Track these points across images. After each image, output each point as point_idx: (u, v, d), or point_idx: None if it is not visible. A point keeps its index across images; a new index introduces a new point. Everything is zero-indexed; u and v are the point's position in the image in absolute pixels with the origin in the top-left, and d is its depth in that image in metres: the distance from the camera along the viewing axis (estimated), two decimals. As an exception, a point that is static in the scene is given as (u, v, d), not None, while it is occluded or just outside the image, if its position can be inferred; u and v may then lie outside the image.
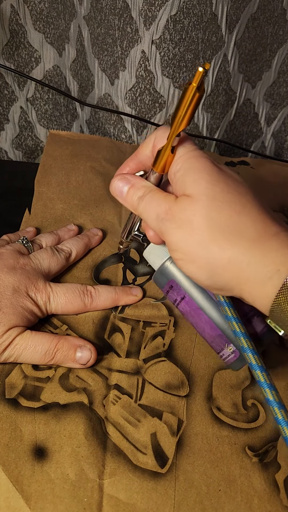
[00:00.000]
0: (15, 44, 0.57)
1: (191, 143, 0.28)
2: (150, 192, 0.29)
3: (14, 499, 0.28)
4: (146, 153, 0.30)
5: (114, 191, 0.31)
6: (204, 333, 0.32)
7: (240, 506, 0.30)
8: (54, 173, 0.53)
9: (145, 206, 0.28)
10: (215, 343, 0.32)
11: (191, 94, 0.25)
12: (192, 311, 0.32)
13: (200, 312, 0.32)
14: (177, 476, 0.30)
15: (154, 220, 0.28)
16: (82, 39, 0.55)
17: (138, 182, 0.30)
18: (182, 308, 0.33)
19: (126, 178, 0.30)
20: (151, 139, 0.29)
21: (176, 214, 0.26)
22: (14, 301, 0.34)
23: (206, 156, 0.27)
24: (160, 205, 0.27)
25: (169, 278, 0.33)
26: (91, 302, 0.38)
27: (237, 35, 0.53)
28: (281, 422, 0.25)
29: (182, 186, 0.26)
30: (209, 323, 0.31)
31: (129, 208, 0.30)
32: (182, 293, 0.32)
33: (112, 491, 0.29)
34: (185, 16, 0.50)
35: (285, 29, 0.55)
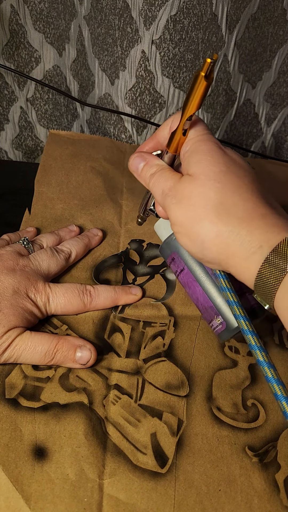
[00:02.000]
0: (15, 44, 0.57)
1: (203, 127, 0.30)
2: (161, 170, 0.31)
3: (14, 499, 0.28)
4: (163, 134, 0.32)
5: (131, 166, 0.34)
6: (198, 303, 0.35)
7: (240, 506, 0.30)
8: (54, 173, 0.53)
9: (154, 183, 0.31)
10: (206, 314, 0.35)
11: (199, 82, 0.27)
12: (189, 282, 0.35)
13: (195, 284, 0.35)
14: (177, 476, 0.30)
15: (160, 196, 0.30)
16: (82, 39, 0.55)
17: (152, 160, 0.32)
18: (181, 279, 0.36)
19: (142, 155, 0.33)
20: (169, 121, 0.32)
21: (177, 191, 0.29)
22: (14, 302, 0.34)
23: (213, 140, 0.29)
24: (166, 182, 0.30)
25: (172, 251, 0.36)
26: (90, 302, 0.38)
27: (237, 35, 0.53)
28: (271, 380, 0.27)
29: (187, 165, 0.29)
30: (202, 295, 0.35)
31: (142, 184, 0.33)
32: (182, 265, 0.35)
33: (112, 491, 0.29)
34: (185, 16, 0.50)
35: (285, 29, 0.55)
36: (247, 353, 0.38)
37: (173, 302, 0.41)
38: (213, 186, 0.27)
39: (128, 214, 0.50)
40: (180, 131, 0.29)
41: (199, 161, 0.28)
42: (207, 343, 0.38)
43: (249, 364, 0.37)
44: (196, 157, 0.28)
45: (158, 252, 0.46)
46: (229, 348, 0.38)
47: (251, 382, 0.36)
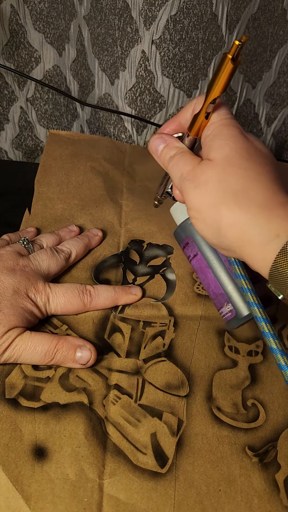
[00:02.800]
0: (15, 44, 0.57)
1: (227, 111, 0.29)
2: (181, 153, 0.30)
3: (14, 499, 0.28)
4: (186, 116, 0.32)
5: (150, 147, 0.33)
6: (209, 289, 0.36)
7: (240, 506, 0.30)
8: (54, 173, 0.53)
9: (173, 165, 0.30)
10: (217, 300, 0.35)
11: (226, 65, 0.26)
12: (202, 268, 0.35)
13: (208, 270, 0.35)
14: (177, 476, 0.30)
15: (178, 179, 0.30)
16: (82, 39, 0.55)
17: (172, 142, 0.32)
18: (193, 264, 0.36)
19: (163, 137, 0.32)
20: (192, 104, 0.31)
21: (196, 175, 0.28)
22: (14, 302, 0.34)
23: (236, 125, 0.28)
24: (185, 165, 0.29)
25: (187, 235, 0.36)
26: (90, 302, 0.38)
27: (237, 35, 0.53)
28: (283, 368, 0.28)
29: (208, 150, 0.28)
30: (214, 282, 0.35)
31: (161, 166, 0.32)
32: (195, 250, 0.36)
33: (112, 491, 0.29)
34: (185, 16, 0.50)
35: (286, 30, 0.55)
36: (247, 353, 0.38)
37: (173, 302, 0.41)
38: (233, 172, 0.27)
39: (128, 214, 0.50)
40: (203, 114, 0.29)
41: (221, 146, 0.27)
42: (207, 343, 0.38)
43: (249, 364, 0.37)
44: (218, 142, 0.28)
45: (158, 252, 0.46)
46: (229, 348, 0.38)
47: (251, 382, 0.36)
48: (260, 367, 0.37)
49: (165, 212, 0.50)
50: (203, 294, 0.42)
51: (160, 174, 0.57)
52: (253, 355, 0.38)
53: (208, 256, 0.35)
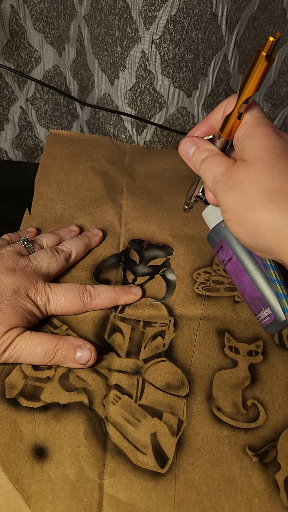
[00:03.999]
0: (15, 44, 0.57)
1: (259, 110, 0.28)
2: (213, 155, 0.30)
3: (14, 499, 0.28)
4: (216, 118, 0.31)
5: (181, 151, 0.32)
6: (245, 294, 0.35)
7: (240, 506, 0.30)
8: (54, 173, 0.53)
9: (205, 168, 0.30)
10: (254, 305, 0.34)
11: (260, 62, 0.25)
12: (237, 272, 0.35)
13: (244, 273, 0.34)
14: (177, 476, 0.30)
15: (211, 181, 0.29)
16: (82, 39, 0.55)
17: (203, 144, 0.31)
18: (228, 268, 0.36)
19: (193, 140, 0.32)
20: (223, 104, 0.30)
21: (230, 176, 0.27)
22: (14, 302, 0.34)
23: (269, 123, 0.28)
24: (218, 167, 0.29)
25: (221, 239, 0.36)
26: (90, 301, 0.38)
27: (237, 35, 0.53)
28: None
29: (242, 150, 0.28)
30: (250, 285, 0.34)
31: (192, 169, 0.32)
32: (230, 254, 0.35)
33: (112, 491, 0.29)
34: (185, 16, 0.50)
35: (285, 29, 0.55)
36: (247, 353, 0.38)
37: (173, 302, 0.41)
38: (268, 171, 0.26)
39: (128, 214, 0.50)
40: (235, 115, 0.28)
41: (254, 146, 0.27)
42: (207, 343, 0.38)
43: (249, 364, 0.37)
44: (251, 141, 0.27)
45: (158, 253, 0.46)
46: (229, 348, 0.38)
47: (251, 382, 0.36)
48: (260, 367, 0.37)
49: (165, 212, 0.51)
50: (203, 294, 0.42)
51: (160, 174, 0.57)
52: (253, 355, 0.38)
53: (244, 259, 0.34)
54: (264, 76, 0.26)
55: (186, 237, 0.47)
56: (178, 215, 0.50)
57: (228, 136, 0.29)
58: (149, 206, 0.51)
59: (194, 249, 0.46)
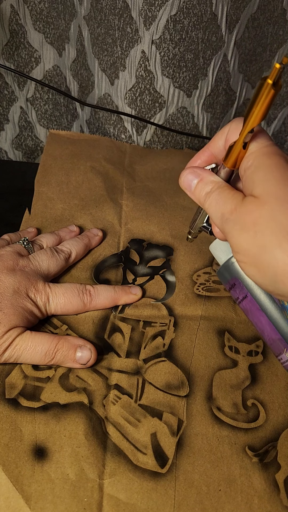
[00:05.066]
0: (15, 44, 0.57)
1: (266, 138, 0.26)
2: (218, 188, 0.28)
3: (14, 499, 0.28)
4: (218, 145, 0.29)
5: (182, 183, 0.30)
6: (264, 334, 0.32)
7: (240, 506, 0.30)
8: (54, 173, 0.53)
9: (211, 203, 0.28)
10: (274, 346, 0.32)
11: (265, 91, 0.23)
12: (253, 311, 0.32)
13: (261, 313, 0.31)
14: (177, 476, 0.30)
15: (218, 219, 0.27)
16: (82, 39, 0.55)
17: (207, 176, 0.29)
18: (243, 306, 0.33)
19: (195, 171, 0.30)
20: (225, 131, 0.28)
21: (241, 215, 0.25)
22: (14, 302, 0.34)
23: (280, 153, 0.25)
24: (226, 203, 0.26)
25: (233, 276, 0.33)
26: (90, 301, 0.38)
27: (237, 35, 0.53)
28: None
29: (251, 185, 0.25)
30: (269, 325, 0.31)
31: (196, 203, 0.30)
32: (244, 292, 0.32)
33: (112, 491, 0.29)
34: (185, 16, 0.50)
35: (285, 29, 0.55)
36: (247, 353, 0.38)
37: (173, 302, 0.41)
38: (285, 209, 0.23)
39: (128, 214, 0.50)
40: (240, 144, 0.26)
41: (266, 180, 0.24)
42: (207, 343, 0.38)
43: (249, 364, 0.37)
44: (262, 175, 0.25)
45: (158, 253, 0.46)
46: (229, 348, 0.38)
47: (251, 382, 0.36)
48: (260, 367, 0.37)
49: (165, 212, 0.51)
50: (203, 294, 0.42)
51: (160, 174, 0.57)
52: (253, 355, 0.38)
53: (260, 298, 0.31)
54: (271, 104, 0.24)
55: (186, 237, 0.47)
56: (178, 215, 0.50)
57: (233, 166, 0.27)
58: (149, 206, 0.51)
59: (194, 249, 0.46)
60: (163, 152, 0.62)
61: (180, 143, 0.63)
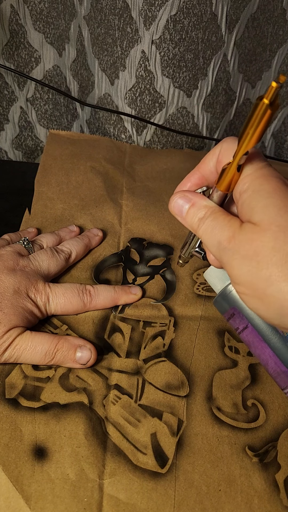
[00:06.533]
0: (15, 44, 0.57)
1: (261, 159, 0.25)
2: (212, 214, 0.26)
3: (14, 499, 0.28)
4: (209, 167, 0.28)
5: (173, 209, 0.28)
6: (268, 366, 0.30)
7: (240, 506, 0.30)
8: (54, 173, 0.53)
9: (206, 230, 0.26)
10: (279, 379, 0.30)
11: (261, 111, 0.21)
12: (255, 342, 0.30)
13: (264, 345, 0.30)
14: (177, 476, 0.30)
15: (215, 247, 0.25)
16: (82, 39, 0.55)
17: (199, 201, 0.27)
18: (244, 337, 0.31)
19: (186, 196, 0.28)
20: (215, 153, 0.27)
21: (240, 244, 0.23)
22: (14, 302, 0.34)
23: (276, 175, 0.24)
24: (222, 231, 0.25)
25: (231, 305, 0.30)
26: (90, 301, 0.38)
27: (237, 35, 0.53)
28: None
29: (249, 210, 0.24)
30: (273, 358, 0.30)
31: (189, 229, 0.28)
32: (245, 322, 0.30)
33: (112, 491, 0.29)
34: (185, 16, 0.50)
35: (285, 29, 0.55)
36: (247, 353, 0.38)
37: (173, 302, 0.41)
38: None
39: (128, 214, 0.50)
40: (235, 167, 0.24)
41: (266, 206, 0.23)
42: (207, 343, 0.38)
43: (249, 364, 0.37)
44: (260, 200, 0.23)
45: (158, 252, 0.46)
46: (229, 348, 0.38)
47: (251, 382, 0.36)
48: (260, 367, 0.37)
49: (165, 212, 0.51)
50: (203, 294, 0.42)
51: (160, 174, 0.57)
52: (253, 355, 0.38)
53: (263, 329, 0.29)
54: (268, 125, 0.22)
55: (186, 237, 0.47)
56: (178, 215, 0.50)
57: (227, 190, 0.26)
58: (149, 206, 0.51)
59: (194, 249, 0.46)
60: (163, 152, 0.62)
61: (180, 143, 0.63)
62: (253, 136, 0.22)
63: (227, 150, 0.26)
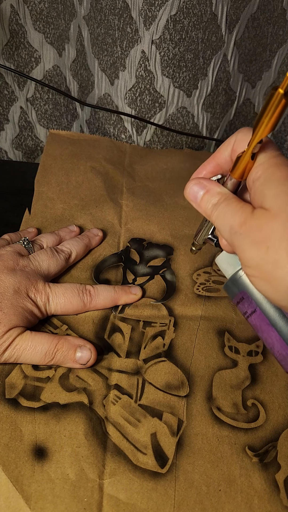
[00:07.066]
0: (15, 44, 0.57)
1: (274, 148, 0.26)
2: (226, 200, 0.27)
3: (14, 499, 0.28)
4: (224, 156, 0.29)
5: (188, 195, 0.29)
6: (274, 350, 0.31)
7: (240, 506, 0.30)
8: (54, 173, 0.53)
9: (218, 215, 0.27)
10: (284, 362, 0.31)
11: (276, 101, 0.23)
12: (263, 326, 0.31)
13: (271, 328, 0.30)
14: (177, 476, 0.30)
15: (227, 232, 0.26)
16: (82, 39, 0.55)
17: (213, 188, 0.28)
18: (252, 321, 0.32)
19: (201, 182, 0.29)
20: (231, 142, 0.28)
21: (251, 229, 0.24)
22: (14, 301, 0.34)
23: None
24: (234, 216, 0.26)
25: (240, 289, 0.31)
26: (90, 301, 0.38)
27: (237, 35, 0.53)
28: None
29: (261, 197, 0.25)
30: (279, 342, 0.30)
31: (203, 215, 0.29)
32: (253, 306, 0.31)
33: (112, 491, 0.29)
34: (185, 16, 0.50)
35: (285, 29, 0.55)
36: (247, 353, 0.38)
37: (173, 302, 0.41)
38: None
39: (128, 214, 0.50)
40: (249, 155, 0.25)
41: (278, 193, 0.24)
42: (207, 343, 0.38)
43: (249, 364, 0.37)
44: (272, 188, 0.24)
45: (158, 252, 0.46)
46: (229, 348, 0.38)
47: (251, 382, 0.36)
48: (260, 367, 0.37)
49: (165, 212, 0.51)
50: (203, 295, 0.42)
51: (160, 174, 0.57)
52: (253, 355, 0.38)
53: (270, 313, 0.30)
54: (282, 114, 0.23)
55: (186, 237, 0.47)
56: (178, 215, 0.50)
57: (241, 177, 0.27)
58: (149, 206, 0.51)
59: (194, 249, 0.46)
60: (163, 152, 0.62)
61: (180, 143, 0.63)
62: (267, 125, 0.23)
63: (242, 139, 0.27)
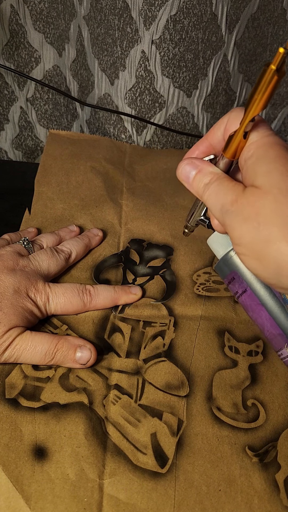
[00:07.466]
0: (15, 44, 0.57)
1: (266, 128, 0.25)
2: (218, 179, 0.27)
3: (14, 499, 0.28)
4: (217, 136, 0.28)
5: (180, 175, 0.29)
6: (264, 329, 0.32)
7: (240, 506, 0.30)
8: (54, 173, 0.53)
9: (210, 194, 0.27)
10: (274, 341, 0.31)
11: (268, 77, 0.22)
12: (253, 305, 0.31)
13: (261, 308, 0.31)
14: (177, 476, 0.30)
15: (218, 211, 0.26)
16: (82, 39, 0.55)
17: (205, 167, 0.28)
18: (242, 301, 0.32)
19: (193, 162, 0.29)
20: (224, 121, 0.28)
21: (242, 206, 0.24)
22: (14, 301, 0.34)
23: (281, 143, 0.25)
24: (226, 195, 0.26)
25: (231, 269, 0.32)
26: (90, 301, 0.38)
27: (237, 35, 0.53)
28: None
29: (252, 175, 0.24)
30: (269, 321, 0.31)
31: (194, 194, 0.29)
32: (244, 286, 0.31)
33: (112, 491, 0.29)
34: (185, 16, 0.50)
35: (285, 29, 0.55)
36: (247, 353, 0.38)
37: (173, 302, 0.41)
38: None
39: (128, 214, 0.50)
40: (241, 134, 0.25)
41: (269, 171, 0.24)
42: (207, 343, 0.38)
43: (249, 364, 0.37)
44: (264, 166, 0.24)
45: (158, 253, 0.46)
46: (229, 348, 0.38)
47: (251, 382, 0.36)
48: (260, 367, 0.37)
49: (165, 212, 0.51)
50: (203, 295, 0.42)
51: (160, 174, 0.57)
52: (253, 355, 0.38)
53: (260, 293, 0.31)
54: (274, 91, 0.23)
55: (186, 237, 0.47)
56: (178, 215, 0.50)
57: (233, 157, 0.26)
58: (149, 206, 0.51)
59: (194, 249, 0.46)
60: (163, 152, 0.62)
61: (180, 143, 0.63)
62: (260, 102, 0.23)
63: (234, 119, 0.27)
